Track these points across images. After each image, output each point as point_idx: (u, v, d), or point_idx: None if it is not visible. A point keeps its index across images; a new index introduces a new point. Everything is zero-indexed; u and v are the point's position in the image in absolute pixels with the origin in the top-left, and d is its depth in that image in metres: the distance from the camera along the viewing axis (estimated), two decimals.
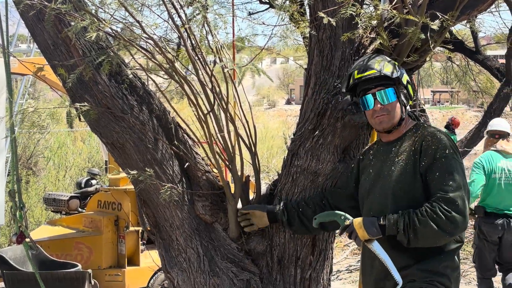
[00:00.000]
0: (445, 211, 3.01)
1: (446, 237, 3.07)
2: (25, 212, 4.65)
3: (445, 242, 3.12)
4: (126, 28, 3.54)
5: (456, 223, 3.01)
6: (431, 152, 3.12)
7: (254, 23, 4.14)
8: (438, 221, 3.02)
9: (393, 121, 3.29)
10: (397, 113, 3.28)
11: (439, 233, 3.03)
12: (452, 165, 3.08)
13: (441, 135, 3.17)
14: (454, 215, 3.01)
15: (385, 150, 3.33)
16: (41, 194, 13.82)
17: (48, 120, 13.29)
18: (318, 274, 3.92)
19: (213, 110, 3.63)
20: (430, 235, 3.06)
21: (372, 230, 3.15)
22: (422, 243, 3.11)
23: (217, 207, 3.85)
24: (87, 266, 7.61)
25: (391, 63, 3.27)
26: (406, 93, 3.31)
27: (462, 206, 3.02)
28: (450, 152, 3.10)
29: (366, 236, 3.17)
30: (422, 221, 3.04)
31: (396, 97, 3.26)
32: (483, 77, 13.33)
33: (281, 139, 20.90)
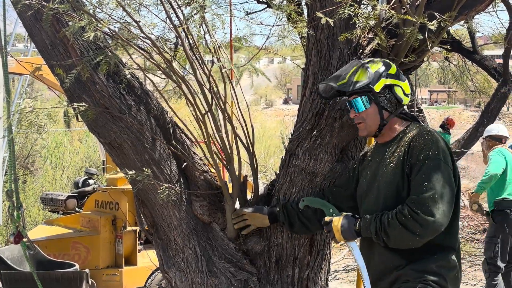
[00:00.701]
0: (413, 212, 3.01)
1: (416, 239, 3.05)
2: (22, 212, 4.65)
3: (418, 244, 3.09)
4: (123, 28, 3.53)
5: (425, 225, 3.00)
6: (416, 153, 3.11)
7: (251, 23, 4.14)
8: (406, 223, 3.02)
9: (370, 128, 3.31)
10: (372, 120, 3.28)
11: (408, 235, 3.04)
12: (432, 167, 3.05)
13: (430, 136, 3.14)
14: (423, 217, 2.99)
15: (380, 151, 3.34)
16: (38, 193, 13.81)
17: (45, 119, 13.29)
18: (316, 274, 3.92)
19: (211, 110, 3.63)
20: (400, 238, 3.08)
21: (348, 235, 3.23)
22: (396, 245, 3.14)
23: (215, 207, 3.85)
24: (85, 266, 7.62)
25: (364, 69, 3.24)
26: (390, 97, 3.27)
27: (433, 207, 3.00)
28: (434, 154, 3.07)
29: (342, 240, 3.25)
30: (391, 223, 3.08)
31: (372, 103, 3.25)
32: (480, 77, 13.34)
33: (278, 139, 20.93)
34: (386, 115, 3.28)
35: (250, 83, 67.63)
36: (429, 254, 3.14)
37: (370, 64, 3.26)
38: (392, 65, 3.29)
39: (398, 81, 3.27)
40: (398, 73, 3.29)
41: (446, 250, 3.17)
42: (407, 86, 3.32)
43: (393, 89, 3.26)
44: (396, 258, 3.18)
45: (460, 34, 11.67)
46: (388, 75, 3.25)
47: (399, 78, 3.28)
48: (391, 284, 3.20)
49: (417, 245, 3.09)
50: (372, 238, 3.18)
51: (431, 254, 3.14)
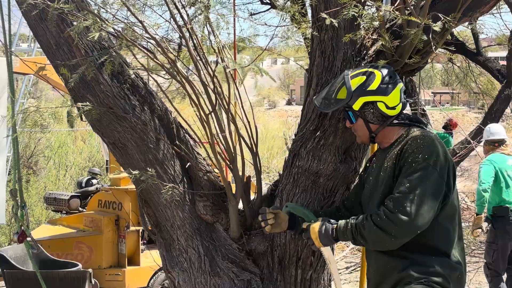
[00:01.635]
0: (390, 212, 3.02)
1: (392, 240, 3.06)
2: (26, 211, 4.66)
3: (395, 245, 3.09)
4: (128, 28, 3.54)
5: (400, 225, 3.00)
6: (406, 156, 3.10)
7: (256, 23, 4.14)
8: (381, 224, 3.04)
9: (361, 139, 3.40)
10: (362, 132, 3.33)
11: (384, 236, 3.05)
12: (418, 170, 3.04)
13: (423, 140, 3.11)
14: (399, 217, 2.99)
15: (381, 156, 3.33)
16: (41, 193, 13.83)
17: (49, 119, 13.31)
18: (319, 274, 3.93)
19: (214, 110, 3.63)
20: (377, 239, 3.09)
21: (326, 241, 3.27)
22: (375, 247, 3.18)
23: (218, 207, 3.85)
24: (88, 265, 7.63)
25: (347, 87, 3.25)
26: (374, 111, 3.25)
27: (411, 208, 2.99)
28: (423, 157, 3.05)
29: (321, 246, 3.29)
30: (366, 226, 3.10)
31: (358, 118, 3.29)
32: (484, 78, 13.34)
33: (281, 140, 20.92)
34: (375, 128, 3.30)
35: (254, 84, 67.66)
36: (431, 255, 3.13)
37: (353, 79, 3.26)
38: (377, 76, 3.24)
39: (380, 96, 3.23)
40: (381, 87, 3.23)
41: (444, 252, 3.15)
42: (392, 99, 3.25)
43: (376, 105, 3.25)
44: (393, 260, 3.17)
45: (464, 36, 11.67)
46: (367, 92, 3.23)
47: (382, 93, 3.22)
48: (393, 285, 3.19)
49: (394, 246, 3.10)
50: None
51: (432, 255, 3.12)
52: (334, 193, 3.78)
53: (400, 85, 3.29)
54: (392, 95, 3.25)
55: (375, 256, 3.27)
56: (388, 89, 3.24)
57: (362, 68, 3.31)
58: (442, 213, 3.13)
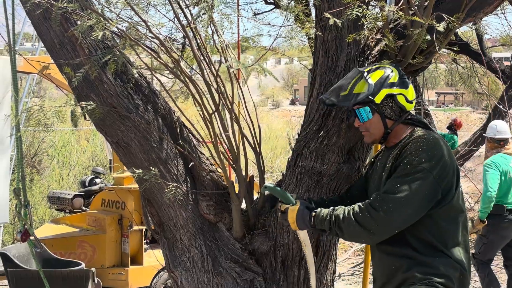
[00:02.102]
0: (373, 209, 3.02)
1: (369, 236, 3.07)
2: (29, 210, 4.66)
3: (371, 241, 3.11)
4: (131, 27, 3.54)
5: (380, 224, 3.01)
6: (404, 157, 3.08)
7: (259, 23, 4.14)
8: (361, 219, 3.04)
9: (374, 137, 3.32)
10: (376, 129, 3.27)
11: (362, 232, 3.06)
12: (411, 172, 3.02)
13: (423, 143, 3.09)
14: (381, 215, 3.00)
15: (385, 155, 3.32)
16: (45, 192, 13.86)
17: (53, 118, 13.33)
18: (322, 274, 3.92)
19: (218, 109, 3.63)
20: (354, 234, 3.11)
21: (302, 226, 3.28)
22: (351, 240, 3.22)
23: (221, 207, 3.85)
24: (91, 264, 7.64)
25: (366, 80, 3.21)
26: (393, 106, 3.23)
27: (394, 209, 2.99)
28: (419, 161, 3.03)
29: (297, 229, 3.32)
30: (346, 219, 3.10)
31: (375, 113, 3.23)
32: (488, 79, 13.31)
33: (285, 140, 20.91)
34: (390, 124, 3.26)
35: (257, 83, 67.68)
36: (435, 256, 3.12)
37: (371, 73, 3.23)
38: (395, 71, 3.24)
39: (401, 89, 3.22)
40: (400, 80, 3.23)
41: (448, 253, 3.13)
42: (411, 93, 3.27)
43: (395, 98, 3.22)
44: (397, 260, 3.16)
45: (468, 36, 11.65)
46: (389, 85, 3.21)
47: (402, 85, 3.23)
48: (397, 286, 3.19)
49: (370, 242, 3.14)
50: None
51: (437, 256, 3.12)
52: (337, 193, 3.77)
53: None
54: (410, 88, 3.28)
55: (379, 257, 3.26)
56: (407, 82, 3.26)
57: (372, 65, 3.30)
58: (444, 215, 3.12)
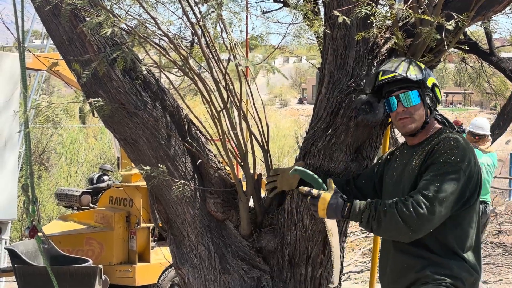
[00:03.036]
0: (418, 206, 2.97)
1: (409, 234, 3.02)
2: (37, 206, 4.67)
3: (407, 239, 3.06)
4: (140, 24, 3.55)
5: (423, 222, 2.98)
6: (437, 155, 3.06)
7: (268, 21, 4.14)
8: (405, 216, 2.98)
9: (416, 124, 3.24)
10: (420, 116, 3.22)
11: (403, 228, 3.00)
12: (449, 172, 3.01)
13: (456, 143, 3.08)
14: (425, 213, 2.96)
15: (408, 153, 3.30)
16: (53, 189, 13.91)
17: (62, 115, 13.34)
18: (329, 273, 3.91)
19: (226, 107, 3.63)
20: (392, 228, 3.03)
21: (332, 215, 3.19)
22: (383, 233, 3.15)
23: (229, 205, 3.85)
24: (98, 261, 7.65)
25: (417, 65, 3.23)
26: (433, 96, 3.25)
27: (437, 210, 2.97)
28: (455, 160, 3.03)
29: (324, 217, 3.23)
30: (388, 212, 3.03)
31: (420, 100, 3.20)
32: (497, 79, 13.27)
33: (292, 138, 20.94)
34: (429, 114, 3.26)
35: (266, 82, 67.67)
36: (446, 258, 3.10)
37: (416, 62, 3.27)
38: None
39: (437, 82, 3.30)
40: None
41: (463, 255, 3.12)
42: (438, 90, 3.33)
43: (435, 89, 3.26)
44: (411, 259, 3.14)
45: (477, 36, 11.61)
46: (432, 74, 3.28)
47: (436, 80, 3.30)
48: (409, 285, 3.17)
49: (405, 240, 3.07)
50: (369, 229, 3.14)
51: (452, 258, 3.09)
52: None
53: None
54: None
55: (394, 255, 3.23)
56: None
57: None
58: (466, 217, 3.12)
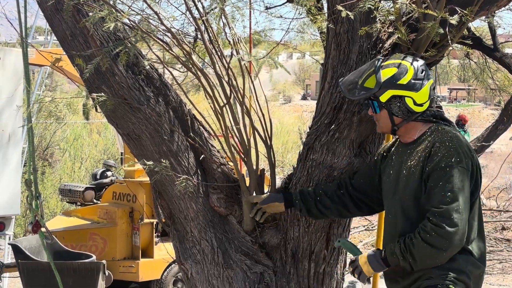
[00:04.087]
0: (437, 227, 2.95)
1: (443, 255, 3.01)
2: (41, 201, 4.67)
3: (445, 259, 3.04)
4: (143, 20, 3.54)
5: (450, 238, 2.95)
6: (436, 159, 3.04)
7: (271, 16, 4.13)
8: (431, 240, 2.97)
9: (382, 130, 3.34)
10: (384, 123, 3.26)
11: (435, 253, 2.99)
12: (454, 175, 2.99)
13: (451, 143, 3.07)
14: (448, 230, 2.94)
15: (403, 151, 3.29)
16: (56, 185, 13.92)
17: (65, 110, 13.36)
18: (332, 268, 3.92)
19: (229, 102, 3.63)
20: (427, 256, 3.02)
21: (376, 265, 3.20)
22: (424, 265, 3.08)
23: (232, 200, 3.85)
24: (102, 257, 7.65)
25: (373, 77, 3.17)
26: (401, 106, 3.18)
27: (458, 219, 2.95)
28: (456, 161, 3.01)
29: (371, 271, 3.22)
30: (415, 243, 3.02)
31: (382, 109, 3.21)
32: (501, 74, 13.22)
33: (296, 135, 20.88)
34: (398, 121, 3.23)
35: (270, 77, 67.62)
36: None
37: (385, 69, 3.18)
38: (410, 71, 3.16)
39: (409, 92, 3.16)
40: (413, 81, 3.15)
41: (468, 250, 3.11)
42: (422, 96, 3.19)
43: (403, 99, 3.18)
44: None
45: (480, 31, 11.58)
46: (397, 86, 3.16)
47: (412, 88, 3.16)
48: (414, 281, 3.17)
49: (444, 260, 3.04)
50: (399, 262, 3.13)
51: (456, 253, 3.09)
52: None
53: (431, 81, 3.22)
54: (422, 91, 3.18)
55: None
56: (419, 85, 3.16)
57: (395, 59, 3.23)
58: (469, 211, 3.10)
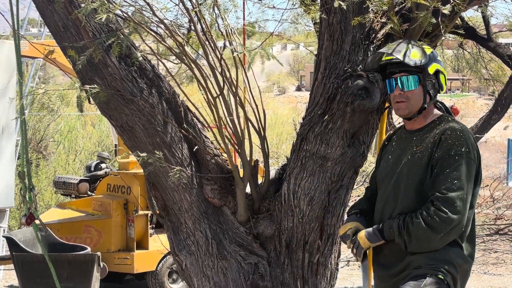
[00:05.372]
0: (441, 212, 2.98)
1: (440, 238, 3.04)
2: (35, 194, 4.67)
3: (441, 244, 3.07)
4: (136, 11, 3.53)
5: (451, 224, 2.99)
6: (446, 146, 3.06)
7: (264, 6, 4.12)
8: (431, 222, 3.00)
9: (411, 109, 3.23)
10: (416, 101, 3.21)
11: (433, 235, 3.02)
12: (462, 165, 3.02)
13: (462, 133, 3.09)
14: (450, 216, 2.98)
15: (407, 138, 3.30)
16: (51, 177, 13.89)
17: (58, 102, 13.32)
18: (326, 258, 3.93)
19: (222, 94, 3.63)
20: (423, 238, 3.05)
21: (372, 237, 3.22)
22: (417, 246, 3.10)
23: (226, 191, 3.85)
24: (96, 249, 7.66)
25: (421, 50, 3.19)
26: (435, 83, 3.23)
27: (461, 207, 2.99)
28: (465, 151, 3.04)
29: (367, 243, 3.23)
30: (415, 223, 3.05)
31: (420, 85, 3.19)
32: (495, 64, 13.23)
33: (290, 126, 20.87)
34: (428, 100, 3.23)
35: (263, 69, 67.53)
36: (445, 246, 3.12)
37: (423, 46, 3.23)
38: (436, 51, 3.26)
39: (443, 68, 3.26)
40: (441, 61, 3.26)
41: (459, 243, 3.14)
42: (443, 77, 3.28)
43: (439, 76, 3.23)
44: None
45: (474, 21, 11.58)
46: (438, 61, 3.23)
47: (443, 66, 3.26)
48: (402, 270, 3.18)
49: (439, 246, 3.07)
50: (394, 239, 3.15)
51: (447, 245, 3.11)
52: (341, 177, 3.77)
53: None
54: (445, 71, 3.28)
55: (391, 244, 3.23)
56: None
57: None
58: None
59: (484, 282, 9.19)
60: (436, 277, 3.06)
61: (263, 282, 3.79)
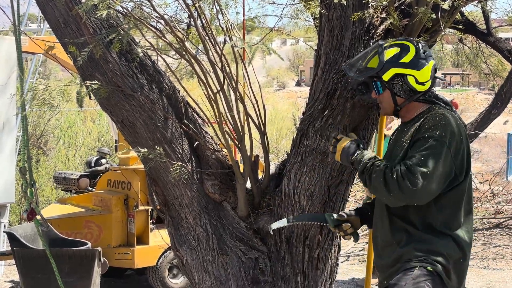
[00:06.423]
0: (401, 175, 3.01)
1: (389, 199, 3.08)
2: (35, 189, 4.68)
3: (388, 202, 3.13)
4: (136, 6, 3.54)
5: (403, 191, 3.00)
6: (423, 131, 3.08)
7: (264, 2, 4.13)
8: (388, 180, 3.04)
9: (385, 111, 3.35)
10: (387, 103, 3.28)
11: (385, 192, 3.07)
12: (433, 146, 3.03)
13: (441, 118, 3.09)
14: (406, 183, 2.99)
15: (401, 130, 3.32)
16: (51, 173, 13.90)
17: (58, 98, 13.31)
18: (326, 253, 3.94)
19: (222, 89, 3.63)
20: (377, 189, 3.13)
21: (344, 158, 3.32)
22: (373, 191, 3.22)
23: (226, 186, 3.87)
24: (97, 244, 7.65)
25: (380, 55, 3.20)
26: (403, 85, 3.21)
27: (422, 184, 2.98)
28: (440, 135, 3.04)
29: (338, 159, 3.34)
30: (377, 172, 3.11)
31: (385, 89, 3.23)
32: (494, 59, 13.22)
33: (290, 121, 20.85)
34: (401, 101, 3.25)
35: (263, 64, 67.46)
36: (432, 235, 3.12)
37: (387, 49, 3.21)
38: (412, 50, 3.20)
39: (411, 70, 3.20)
40: (414, 60, 3.19)
41: (449, 235, 3.14)
42: (424, 74, 3.21)
43: (405, 78, 3.21)
44: (398, 234, 3.17)
45: (474, 16, 11.57)
46: (399, 64, 3.19)
47: (414, 66, 3.19)
48: (395, 261, 3.19)
49: (387, 202, 3.15)
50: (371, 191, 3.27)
51: (434, 236, 3.12)
52: (341, 173, 3.78)
53: (433, 62, 3.26)
54: (424, 70, 3.22)
55: (381, 227, 3.28)
56: (421, 64, 3.21)
57: (398, 40, 3.27)
58: (452, 198, 3.13)
59: (484, 276, 9.19)
60: (425, 269, 3.06)
61: (263, 277, 3.80)
